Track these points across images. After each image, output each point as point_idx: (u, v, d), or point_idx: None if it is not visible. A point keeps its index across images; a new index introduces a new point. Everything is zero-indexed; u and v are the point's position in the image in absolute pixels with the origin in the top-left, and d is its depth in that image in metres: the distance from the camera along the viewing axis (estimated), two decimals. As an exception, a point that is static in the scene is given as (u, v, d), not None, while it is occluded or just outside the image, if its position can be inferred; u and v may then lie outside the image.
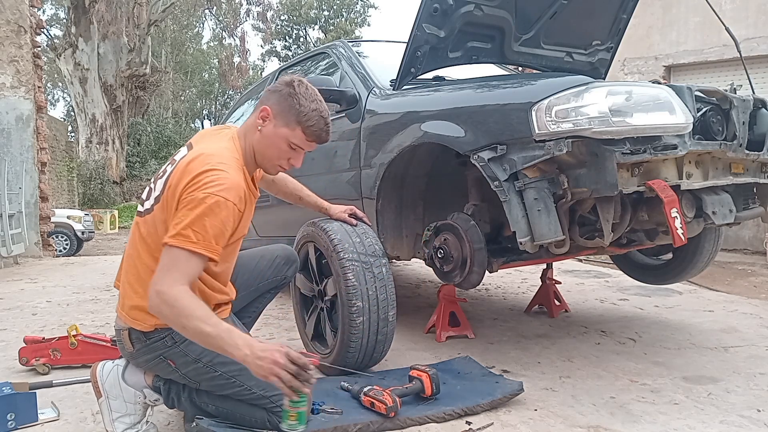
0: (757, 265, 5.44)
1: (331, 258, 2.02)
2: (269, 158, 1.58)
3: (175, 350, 1.50)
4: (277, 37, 31.23)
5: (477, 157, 1.92)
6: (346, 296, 1.95)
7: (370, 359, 2.07)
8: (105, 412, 1.57)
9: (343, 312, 1.97)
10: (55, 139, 11.49)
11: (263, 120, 1.55)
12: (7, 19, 6.33)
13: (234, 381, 1.51)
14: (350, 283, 1.95)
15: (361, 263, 1.98)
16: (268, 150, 1.56)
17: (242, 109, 4.36)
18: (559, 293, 3.11)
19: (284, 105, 1.54)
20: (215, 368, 1.50)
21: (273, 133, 1.54)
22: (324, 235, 2.06)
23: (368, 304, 1.96)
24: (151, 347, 1.51)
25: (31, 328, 2.93)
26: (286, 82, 1.57)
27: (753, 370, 2.14)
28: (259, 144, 1.56)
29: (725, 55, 6.57)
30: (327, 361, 2.09)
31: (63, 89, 29.42)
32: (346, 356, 2.01)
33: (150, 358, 1.53)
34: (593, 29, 2.87)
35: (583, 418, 1.73)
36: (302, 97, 1.54)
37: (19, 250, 5.99)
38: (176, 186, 1.43)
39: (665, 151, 1.76)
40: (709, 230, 2.52)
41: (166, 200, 1.45)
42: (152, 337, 1.50)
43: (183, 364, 1.51)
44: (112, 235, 12.89)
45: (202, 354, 1.48)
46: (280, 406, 1.42)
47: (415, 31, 2.29)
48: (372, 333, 1.98)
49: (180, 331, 1.38)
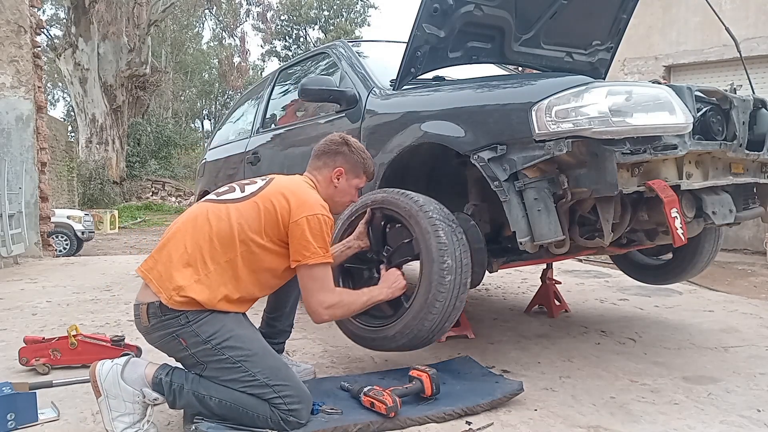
0: (757, 265, 5.45)
1: (417, 217, 1.94)
2: (341, 203, 1.96)
3: (188, 329, 1.57)
4: (277, 37, 31.23)
5: (477, 157, 1.92)
6: (438, 253, 1.87)
7: (441, 328, 1.95)
8: (104, 412, 1.57)
9: (433, 270, 1.88)
10: (55, 139, 11.50)
11: (338, 178, 1.89)
12: (7, 19, 6.33)
13: (239, 366, 1.56)
14: (441, 241, 1.88)
15: (448, 224, 1.93)
16: (342, 198, 1.93)
17: (242, 109, 4.36)
18: (559, 293, 3.11)
19: (351, 162, 1.90)
20: (222, 351, 1.57)
21: (347, 185, 1.92)
22: (404, 198, 2.01)
23: (455, 264, 1.89)
24: (165, 323, 1.58)
25: (31, 328, 2.93)
26: (341, 142, 1.91)
27: (753, 370, 2.14)
28: (335, 194, 1.90)
29: (725, 55, 6.58)
30: (392, 330, 1.96)
31: (63, 89, 29.43)
32: (425, 320, 1.89)
33: (163, 334, 1.60)
34: (593, 29, 2.87)
35: (583, 418, 1.73)
36: (361, 151, 1.93)
37: (19, 250, 5.99)
38: (280, 205, 1.68)
39: (665, 151, 1.76)
40: (709, 230, 2.52)
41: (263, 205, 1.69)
42: (168, 313, 1.57)
43: (193, 344, 1.57)
44: (112, 235, 12.88)
45: (212, 336, 1.56)
46: (282, 397, 1.54)
47: (415, 31, 2.29)
48: (454, 296, 1.90)
49: (355, 314, 1.90)
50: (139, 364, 1.62)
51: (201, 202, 1.78)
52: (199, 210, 1.73)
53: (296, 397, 1.59)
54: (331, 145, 1.90)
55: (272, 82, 3.81)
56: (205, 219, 1.68)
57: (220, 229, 1.64)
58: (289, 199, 1.68)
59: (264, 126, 3.68)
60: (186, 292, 1.56)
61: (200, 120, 35.43)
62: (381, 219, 2.11)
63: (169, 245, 1.66)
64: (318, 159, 1.91)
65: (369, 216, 2.11)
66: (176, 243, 1.65)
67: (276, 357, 1.69)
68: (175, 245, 1.65)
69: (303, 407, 1.60)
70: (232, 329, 1.60)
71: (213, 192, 1.87)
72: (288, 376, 1.62)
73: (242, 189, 1.78)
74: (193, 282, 1.59)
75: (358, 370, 2.17)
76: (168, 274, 1.60)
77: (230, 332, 1.59)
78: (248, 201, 1.71)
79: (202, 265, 1.61)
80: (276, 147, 3.37)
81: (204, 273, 1.60)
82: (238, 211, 1.68)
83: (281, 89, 3.76)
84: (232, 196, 1.75)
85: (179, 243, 1.64)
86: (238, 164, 3.73)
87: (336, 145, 1.90)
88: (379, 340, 2.02)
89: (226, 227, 1.65)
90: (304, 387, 1.66)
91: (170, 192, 20.42)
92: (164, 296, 1.57)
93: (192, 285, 1.58)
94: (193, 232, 1.66)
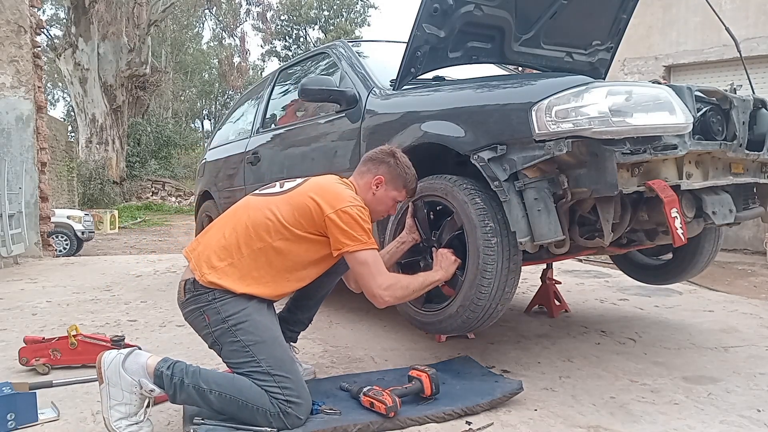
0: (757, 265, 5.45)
1: (452, 192, 1.99)
2: (378, 212, 1.97)
3: (212, 306, 1.67)
4: (277, 37, 31.24)
5: (477, 157, 1.92)
6: (478, 219, 1.90)
7: (503, 295, 1.93)
8: (104, 399, 1.58)
9: (477, 236, 1.89)
10: (55, 139, 11.49)
11: (377, 186, 1.92)
12: (7, 19, 6.32)
13: (248, 351, 1.64)
14: (479, 207, 1.91)
15: (484, 192, 1.94)
16: (379, 206, 1.95)
17: (242, 109, 4.36)
18: (559, 293, 3.11)
19: (394, 174, 1.93)
20: (236, 334, 1.65)
21: (385, 195, 1.93)
22: (438, 179, 2.09)
23: (498, 226, 1.89)
24: (196, 298, 1.70)
25: (31, 328, 2.93)
26: (389, 153, 1.94)
27: (753, 370, 2.14)
28: (372, 202, 1.91)
29: (725, 55, 6.58)
30: (454, 307, 1.98)
31: (63, 89, 29.43)
32: (481, 287, 1.89)
33: (193, 309, 1.71)
34: (593, 29, 2.87)
35: (583, 418, 1.73)
36: (405, 166, 1.94)
37: (19, 250, 5.98)
38: (316, 197, 1.75)
39: (665, 151, 1.76)
40: (709, 230, 2.52)
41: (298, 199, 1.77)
42: (199, 290, 1.69)
43: (214, 321, 1.67)
44: (112, 235, 12.88)
45: (230, 316, 1.66)
46: (281, 388, 1.59)
47: (415, 31, 2.29)
48: (506, 258, 1.89)
49: (415, 296, 1.90)
50: (141, 356, 1.63)
51: (246, 197, 1.94)
52: (242, 203, 1.89)
53: (295, 391, 1.60)
54: (379, 154, 1.96)
55: (272, 82, 3.81)
56: (245, 210, 1.82)
57: (256, 218, 1.76)
58: (321, 194, 1.76)
59: (264, 126, 3.67)
60: (217, 272, 1.69)
61: (200, 120, 35.47)
62: (423, 207, 2.18)
63: (212, 231, 1.83)
64: (363, 165, 1.98)
65: (413, 209, 2.17)
66: (218, 229, 1.81)
67: (285, 349, 1.72)
68: (216, 231, 1.80)
69: (302, 402, 1.61)
70: (249, 314, 1.68)
71: (257, 189, 1.99)
72: (291, 370, 1.65)
73: (282, 185, 1.90)
74: (227, 265, 1.71)
75: (358, 370, 2.17)
76: (205, 255, 1.73)
77: (247, 316, 1.67)
78: (285, 196, 1.82)
79: (236, 250, 1.72)
80: (276, 147, 3.36)
81: (238, 257, 1.72)
82: (275, 204, 1.79)
83: (281, 89, 3.76)
84: (271, 191, 1.89)
85: (220, 230, 1.80)
86: (238, 164, 3.73)
87: (383, 154, 1.95)
88: (445, 321, 2.05)
89: (261, 216, 1.76)
90: (305, 385, 1.67)
91: (170, 192, 20.43)
92: (198, 273, 1.70)
93: (225, 267, 1.70)
94: (234, 221, 1.80)
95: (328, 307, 3.34)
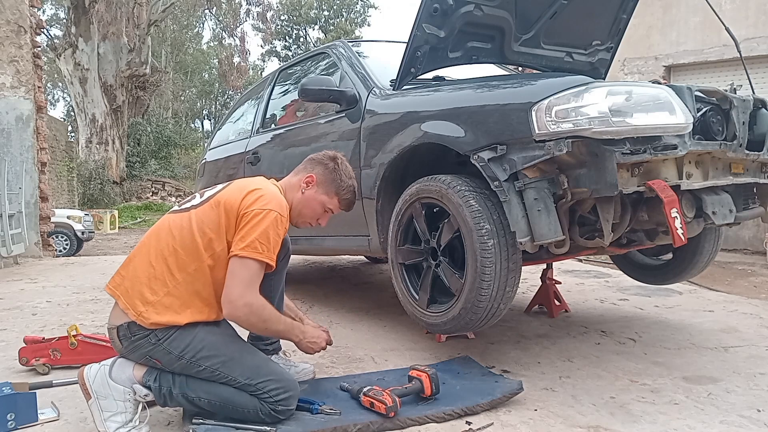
0: (757, 265, 5.45)
1: (447, 195, 1.97)
2: (304, 216, 1.84)
3: (159, 348, 1.57)
4: (277, 37, 31.22)
5: (477, 157, 1.92)
6: (473, 221, 1.88)
7: (504, 295, 1.93)
8: (96, 413, 1.57)
9: (474, 239, 1.88)
10: (55, 139, 11.50)
11: (307, 185, 1.82)
12: (7, 19, 6.33)
13: (219, 373, 1.58)
14: (474, 209, 1.89)
15: (479, 193, 1.94)
16: (305, 209, 1.83)
17: (242, 109, 4.36)
18: (559, 293, 3.11)
19: (328, 177, 1.83)
20: (199, 363, 1.58)
21: (313, 197, 1.82)
22: (433, 181, 2.07)
23: (494, 227, 1.88)
24: (136, 344, 1.58)
25: (31, 328, 2.93)
26: (331, 158, 1.86)
27: (753, 370, 2.14)
28: (299, 203, 1.81)
29: (725, 55, 6.58)
30: (456, 309, 1.98)
31: (63, 89, 29.42)
32: (481, 289, 1.89)
33: (138, 356, 1.60)
34: (593, 29, 2.87)
35: (583, 418, 1.73)
36: (344, 174, 1.84)
37: (19, 250, 5.99)
38: (233, 199, 1.63)
39: (665, 151, 1.76)
40: (709, 230, 2.52)
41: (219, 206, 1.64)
42: (137, 333, 1.57)
43: (168, 362, 1.58)
44: (112, 235, 12.89)
45: (184, 351, 1.57)
46: (267, 392, 1.57)
47: (415, 31, 2.29)
48: (504, 259, 1.88)
49: (260, 331, 1.75)
50: (126, 365, 1.62)
51: (165, 215, 1.76)
52: (162, 223, 1.71)
53: (282, 388, 1.60)
54: (321, 156, 1.88)
55: (272, 82, 3.81)
56: (168, 231, 1.65)
57: (183, 238, 1.62)
58: (245, 193, 1.65)
59: (264, 126, 3.67)
60: (155, 307, 1.56)
61: (200, 120, 35.46)
62: (421, 209, 2.16)
63: (135, 261, 1.65)
64: (302, 164, 1.90)
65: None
66: (141, 258, 1.64)
67: (254, 354, 1.68)
68: (141, 261, 1.63)
69: (290, 395, 1.61)
70: (203, 339, 1.59)
71: (176, 203, 1.87)
72: (269, 371, 1.63)
73: (202, 195, 1.76)
74: (164, 295, 1.57)
75: (358, 370, 2.17)
76: (136, 291, 1.58)
77: (201, 342, 1.58)
78: (207, 204, 1.67)
79: (169, 277, 1.59)
80: (276, 147, 3.37)
81: (173, 285, 1.59)
82: (198, 216, 1.65)
83: (281, 89, 3.76)
84: (192, 203, 1.73)
85: (144, 258, 1.63)
86: (238, 164, 3.73)
87: (325, 157, 1.87)
88: (449, 323, 2.05)
89: (188, 236, 1.62)
90: (288, 375, 1.68)
91: (170, 192, 20.41)
92: (133, 313, 1.56)
93: (162, 299, 1.57)
94: (157, 246, 1.64)
95: (328, 307, 3.35)
